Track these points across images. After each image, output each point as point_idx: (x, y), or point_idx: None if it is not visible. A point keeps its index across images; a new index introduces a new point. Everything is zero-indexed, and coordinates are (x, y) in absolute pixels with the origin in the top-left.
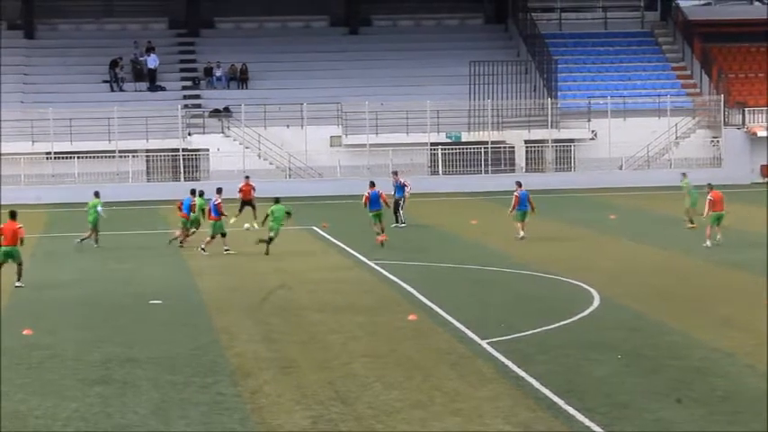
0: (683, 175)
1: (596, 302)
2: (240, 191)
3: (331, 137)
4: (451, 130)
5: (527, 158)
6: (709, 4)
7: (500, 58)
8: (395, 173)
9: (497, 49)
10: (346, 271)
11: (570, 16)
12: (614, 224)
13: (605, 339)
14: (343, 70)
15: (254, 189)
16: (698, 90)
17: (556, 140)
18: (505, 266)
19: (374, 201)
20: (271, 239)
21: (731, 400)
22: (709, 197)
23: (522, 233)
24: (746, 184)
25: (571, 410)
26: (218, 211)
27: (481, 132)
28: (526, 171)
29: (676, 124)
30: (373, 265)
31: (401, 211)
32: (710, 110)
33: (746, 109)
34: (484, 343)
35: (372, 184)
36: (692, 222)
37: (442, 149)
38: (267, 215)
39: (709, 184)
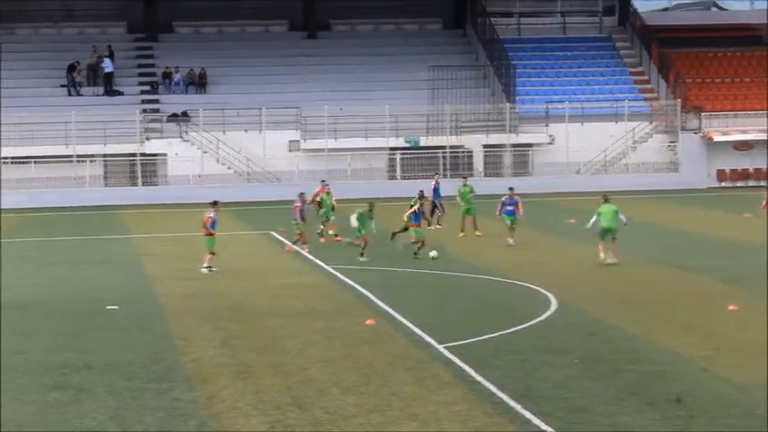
0: (464, 178)
1: (554, 307)
2: (316, 195)
3: (290, 141)
4: (410, 134)
5: (485, 163)
6: (666, 9)
7: (459, 62)
8: (436, 173)
9: (456, 54)
10: (304, 276)
11: (529, 21)
12: (573, 228)
13: (563, 344)
14: (302, 75)
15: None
16: (655, 95)
17: (514, 145)
18: (463, 271)
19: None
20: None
21: (687, 404)
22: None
23: (509, 240)
24: (703, 189)
25: (528, 415)
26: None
27: (440, 137)
28: (485, 176)
29: (633, 129)
30: (331, 269)
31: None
32: (667, 114)
33: (703, 114)
34: (441, 347)
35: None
36: (462, 231)
37: (400, 154)
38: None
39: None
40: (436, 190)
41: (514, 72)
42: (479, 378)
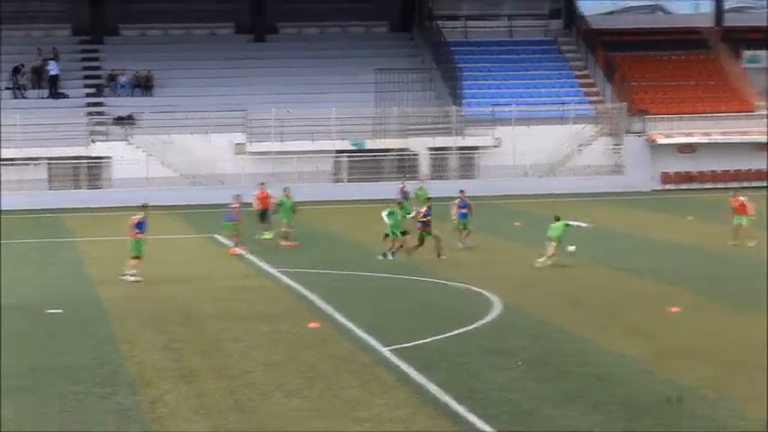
0: (421, 181)
1: (500, 310)
2: (258, 199)
3: (236, 144)
4: (356, 137)
5: (431, 166)
6: (612, 13)
7: (405, 65)
8: (404, 177)
9: (402, 57)
10: (249, 279)
11: (476, 24)
12: (519, 231)
13: (508, 346)
14: (248, 77)
15: (269, 197)
16: (601, 98)
17: (460, 148)
18: (409, 274)
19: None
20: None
21: (630, 405)
22: (744, 202)
23: (459, 243)
24: (647, 192)
25: (472, 417)
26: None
27: (386, 140)
28: (431, 178)
29: (579, 132)
30: (276, 273)
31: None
32: (613, 117)
33: (647, 117)
34: (385, 350)
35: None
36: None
37: (346, 157)
38: None
39: (733, 191)
40: (406, 194)
41: (461, 75)
42: (423, 381)
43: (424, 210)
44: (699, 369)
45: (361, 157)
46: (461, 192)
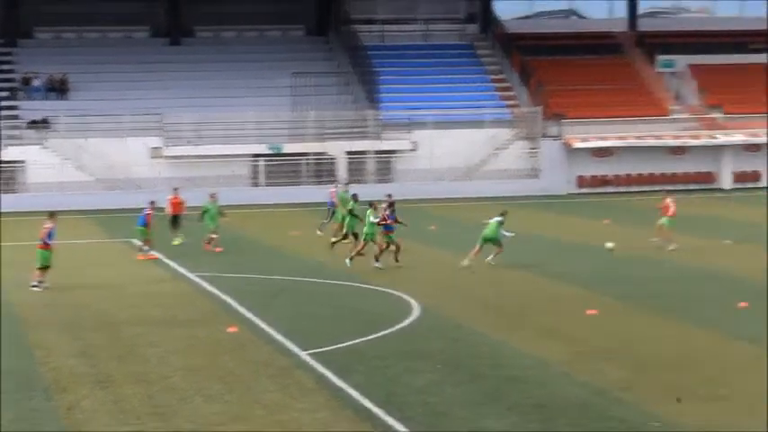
0: (346, 184)
1: (417, 313)
2: (170, 204)
3: (152, 148)
4: (274, 141)
5: (349, 169)
6: (528, 17)
7: (322, 69)
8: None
9: (319, 61)
10: (166, 283)
11: (392, 28)
12: (435, 235)
13: (426, 349)
14: (164, 81)
15: (182, 203)
16: (517, 102)
17: (377, 152)
18: (326, 278)
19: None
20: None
21: (545, 407)
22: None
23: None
24: (563, 195)
25: (390, 421)
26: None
27: (303, 144)
28: (349, 182)
29: (495, 135)
30: (193, 277)
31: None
32: (528, 121)
33: (563, 120)
34: (304, 354)
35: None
36: (344, 238)
37: (264, 161)
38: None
39: (666, 192)
40: (355, 195)
41: (378, 79)
42: (342, 384)
43: (385, 214)
44: (614, 371)
45: (278, 161)
46: (388, 196)
